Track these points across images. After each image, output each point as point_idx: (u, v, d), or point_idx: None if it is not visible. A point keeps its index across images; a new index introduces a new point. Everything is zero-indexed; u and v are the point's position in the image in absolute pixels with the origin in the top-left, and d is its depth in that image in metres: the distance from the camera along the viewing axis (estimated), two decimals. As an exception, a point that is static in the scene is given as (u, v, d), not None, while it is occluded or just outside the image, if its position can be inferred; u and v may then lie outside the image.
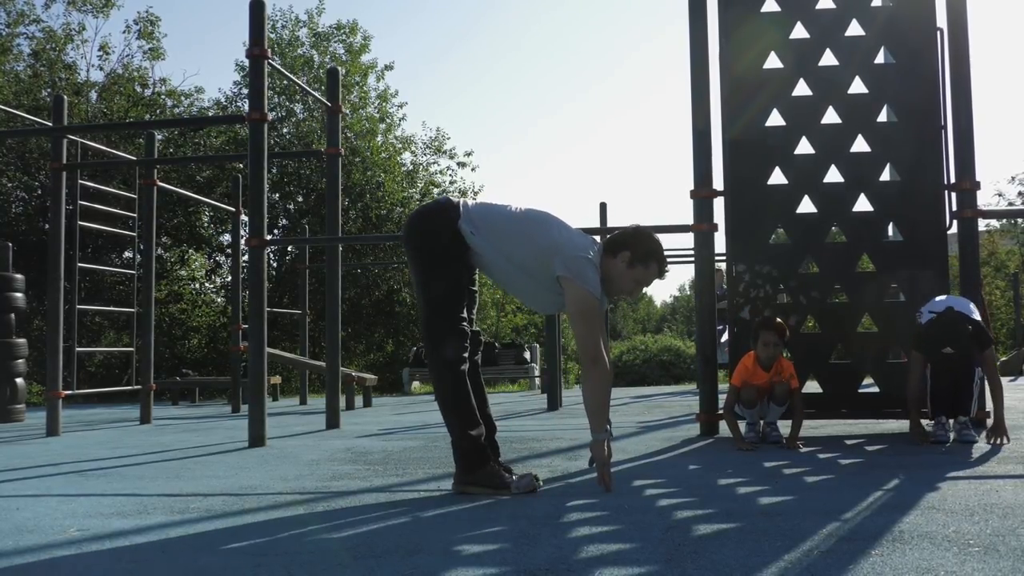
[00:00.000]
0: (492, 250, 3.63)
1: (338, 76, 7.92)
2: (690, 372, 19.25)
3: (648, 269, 3.63)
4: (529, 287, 3.68)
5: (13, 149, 19.35)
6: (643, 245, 3.65)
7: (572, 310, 3.51)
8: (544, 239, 3.61)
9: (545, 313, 3.60)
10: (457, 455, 3.63)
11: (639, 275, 3.63)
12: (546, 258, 3.57)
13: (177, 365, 19.34)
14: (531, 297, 3.76)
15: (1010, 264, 27.18)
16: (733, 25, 6.12)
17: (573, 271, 3.49)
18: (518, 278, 3.67)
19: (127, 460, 5.32)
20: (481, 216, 3.68)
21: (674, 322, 53.10)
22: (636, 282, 3.65)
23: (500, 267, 3.66)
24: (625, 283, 3.65)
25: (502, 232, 3.65)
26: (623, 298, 3.82)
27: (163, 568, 2.43)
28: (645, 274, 3.64)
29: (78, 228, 8.56)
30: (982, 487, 3.42)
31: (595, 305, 3.52)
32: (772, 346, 5.19)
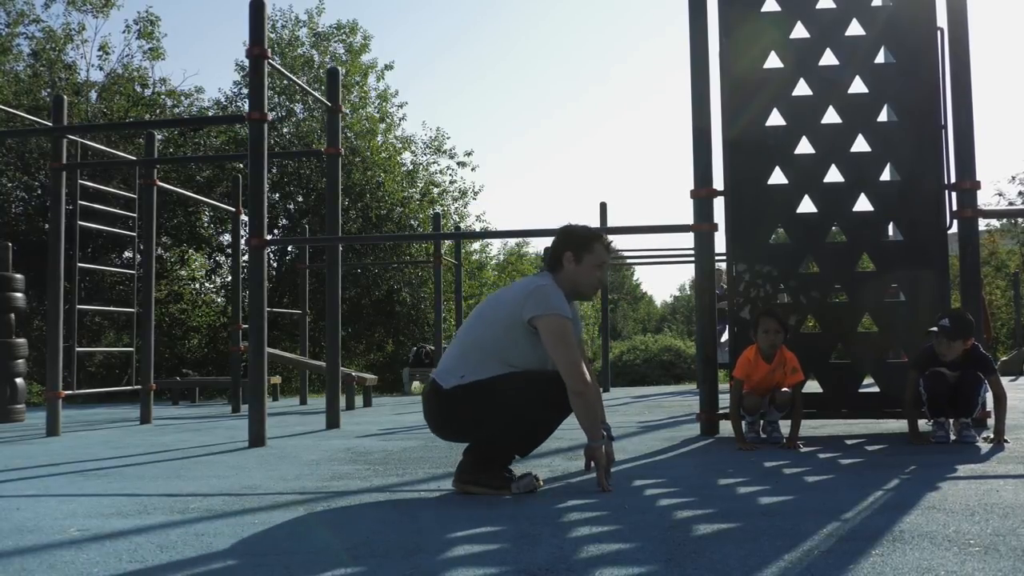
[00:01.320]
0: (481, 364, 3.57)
1: (338, 76, 7.92)
2: (690, 372, 19.26)
3: (593, 252, 3.74)
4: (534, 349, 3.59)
5: (13, 149, 19.35)
6: (575, 238, 3.76)
7: (549, 341, 3.51)
8: (500, 310, 3.63)
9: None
10: (477, 452, 3.62)
11: (591, 262, 3.73)
12: (515, 319, 3.57)
13: (177, 365, 19.34)
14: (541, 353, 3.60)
15: (1010, 264, 27.18)
16: (733, 25, 6.12)
17: (537, 306, 3.53)
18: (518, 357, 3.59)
19: (127, 460, 5.32)
20: (446, 364, 3.67)
21: (674, 322, 53.09)
22: (593, 270, 3.75)
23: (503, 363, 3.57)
24: (586, 278, 3.74)
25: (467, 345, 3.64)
26: (594, 292, 3.84)
27: (163, 568, 2.43)
28: (594, 258, 3.74)
29: (78, 228, 8.56)
30: (982, 487, 3.41)
31: (568, 327, 3.55)
32: (773, 333, 5.18)
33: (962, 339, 4.83)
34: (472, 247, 24.72)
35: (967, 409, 4.92)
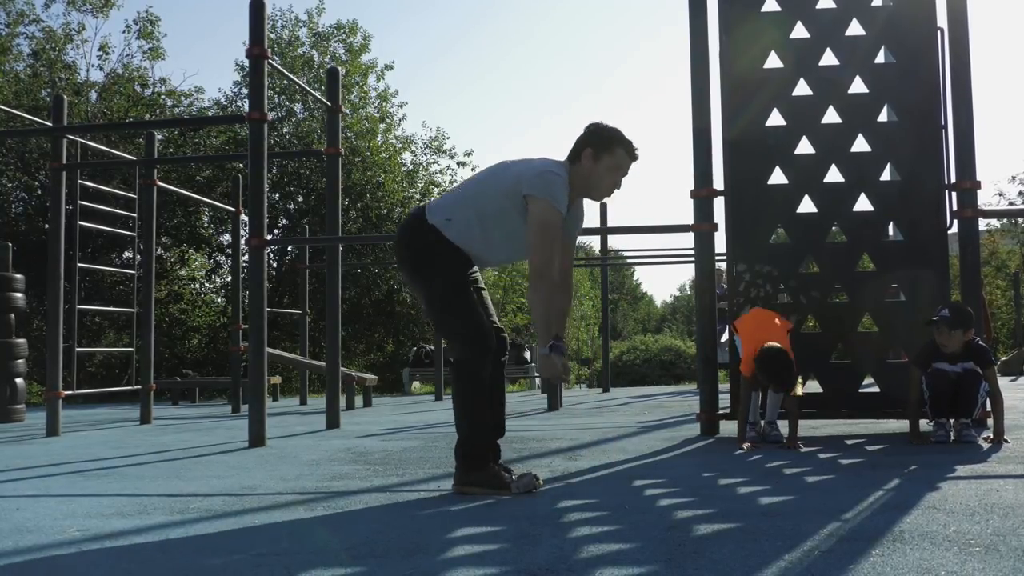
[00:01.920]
0: (467, 224, 3.60)
1: (338, 76, 7.92)
2: (690, 372, 19.26)
3: (615, 155, 3.63)
4: (516, 232, 3.60)
5: (13, 149, 19.35)
6: (602, 136, 3.65)
7: (531, 222, 3.48)
8: (506, 174, 3.62)
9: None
10: (458, 455, 3.63)
11: (608, 164, 3.63)
12: (514, 190, 3.55)
13: (177, 365, 19.34)
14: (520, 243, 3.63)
15: (1011, 264, 27.17)
16: (733, 24, 6.12)
17: (537, 187, 3.49)
18: (499, 232, 3.62)
19: (127, 460, 5.32)
20: (445, 200, 3.71)
21: (674, 322, 53.09)
22: (610, 172, 3.64)
23: (483, 236, 3.61)
24: (601, 179, 3.64)
25: (467, 196, 3.66)
26: (605, 196, 3.73)
27: (163, 568, 2.43)
28: (614, 161, 3.63)
29: (78, 228, 8.55)
30: (983, 487, 3.41)
31: (555, 220, 3.49)
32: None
33: (962, 329, 4.85)
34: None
35: (968, 409, 4.92)
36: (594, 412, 8.81)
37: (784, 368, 4.96)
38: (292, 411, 10.69)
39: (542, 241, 3.46)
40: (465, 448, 3.59)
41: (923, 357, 5.02)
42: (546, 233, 3.47)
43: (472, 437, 3.58)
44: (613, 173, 3.65)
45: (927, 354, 5.00)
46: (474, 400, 3.59)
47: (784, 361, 4.97)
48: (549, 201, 3.48)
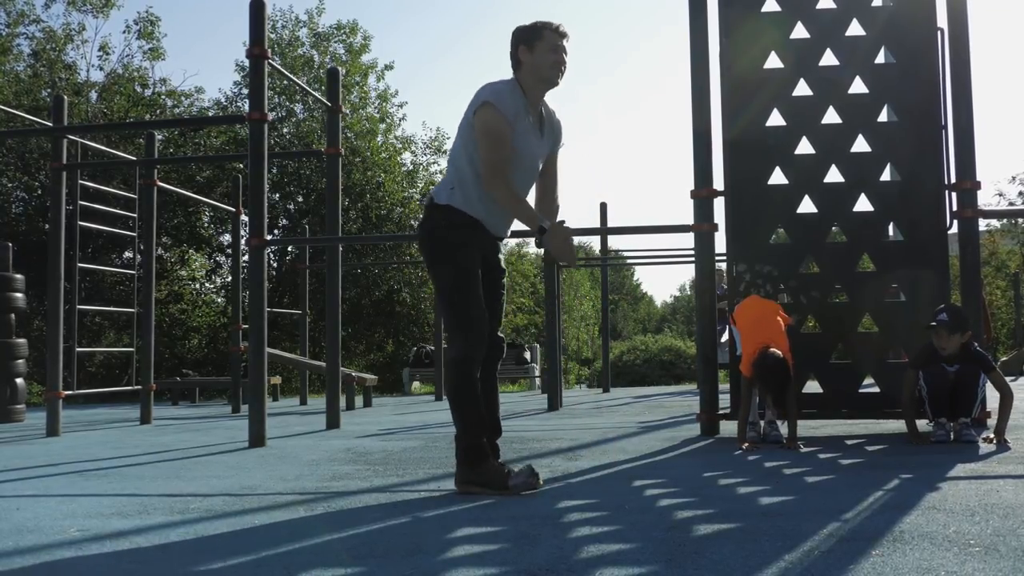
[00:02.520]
0: (464, 183, 3.69)
1: (338, 76, 7.92)
2: (690, 372, 19.26)
3: (544, 39, 3.69)
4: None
5: (13, 149, 19.35)
6: (526, 29, 3.74)
7: (477, 133, 3.61)
8: (464, 118, 3.75)
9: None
10: (458, 451, 3.65)
11: (544, 48, 3.68)
12: (468, 121, 3.71)
13: (177, 365, 19.34)
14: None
15: (1011, 264, 27.18)
16: (733, 25, 6.12)
17: (476, 100, 3.64)
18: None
19: (127, 460, 5.32)
20: (445, 175, 3.84)
21: (674, 322, 53.10)
22: (548, 53, 3.68)
23: (479, 188, 3.67)
24: (544, 63, 3.68)
25: (454, 157, 3.77)
26: (557, 73, 3.72)
27: (163, 568, 2.43)
28: (546, 44, 3.68)
29: (78, 228, 8.56)
30: (983, 487, 3.41)
31: (495, 122, 3.57)
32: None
33: (960, 332, 4.85)
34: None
35: (967, 407, 4.92)
36: (594, 412, 8.81)
37: (784, 381, 4.95)
38: (292, 411, 10.69)
39: (485, 149, 3.56)
40: (461, 443, 3.63)
41: (920, 360, 5.02)
42: (486, 138, 3.56)
43: (466, 432, 3.61)
44: (551, 53, 3.69)
45: (925, 357, 4.99)
46: (465, 396, 3.62)
47: (784, 374, 4.96)
48: (488, 104, 3.58)
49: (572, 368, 29.41)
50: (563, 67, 3.71)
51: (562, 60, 3.70)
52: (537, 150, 3.77)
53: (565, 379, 22.39)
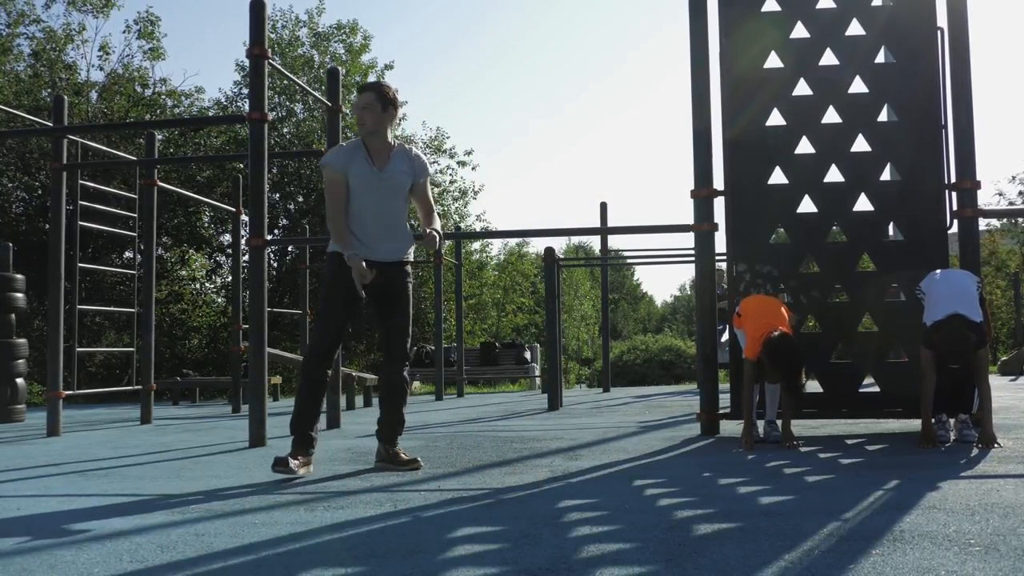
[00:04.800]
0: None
1: (338, 76, 7.91)
2: (690, 372, 19.25)
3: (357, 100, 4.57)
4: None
5: (13, 149, 19.35)
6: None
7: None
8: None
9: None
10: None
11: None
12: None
13: (178, 365, 19.33)
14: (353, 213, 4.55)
15: (1011, 264, 27.18)
16: (733, 24, 6.12)
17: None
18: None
19: (128, 460, 5.32)
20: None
21: (674, 322, 53.13)
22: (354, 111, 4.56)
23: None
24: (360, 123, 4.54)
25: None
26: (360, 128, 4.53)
27: (163, 568, 2.43)
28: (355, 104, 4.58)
29: (78, 228, 8.55)
30: (983, 487, 3.41)
31: (330, 177, 4.46)
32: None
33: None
34: (472, 247, 24.72)
35: (966, 404, 4.90)
36: (594, 412, 8.81)
37: (794, 356, 4.96)
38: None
39: (326, 201, 4.51)
40: (290, 429, 4.50)
41: (934, 340, 4.73)
42: (326, 192, 4.49)
43: (294, 421, 4.49)
44: (355, 111, 4.54)
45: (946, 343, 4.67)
46: (301, 391, 4.52)
47: (793, 349, 4.99)
48: (323, 166, 4.50)
49: (572, 368, 29.41)
50: (361, 121, 4.50)
51: (358, 116, 4.53)
52: (381, 183, 4.46)
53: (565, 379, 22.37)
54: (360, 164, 4.45)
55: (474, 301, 24.02)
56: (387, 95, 4.53)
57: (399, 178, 4.51)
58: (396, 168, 4.51)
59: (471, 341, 21.61)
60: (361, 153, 4.49)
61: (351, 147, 4.53)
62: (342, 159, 4.47)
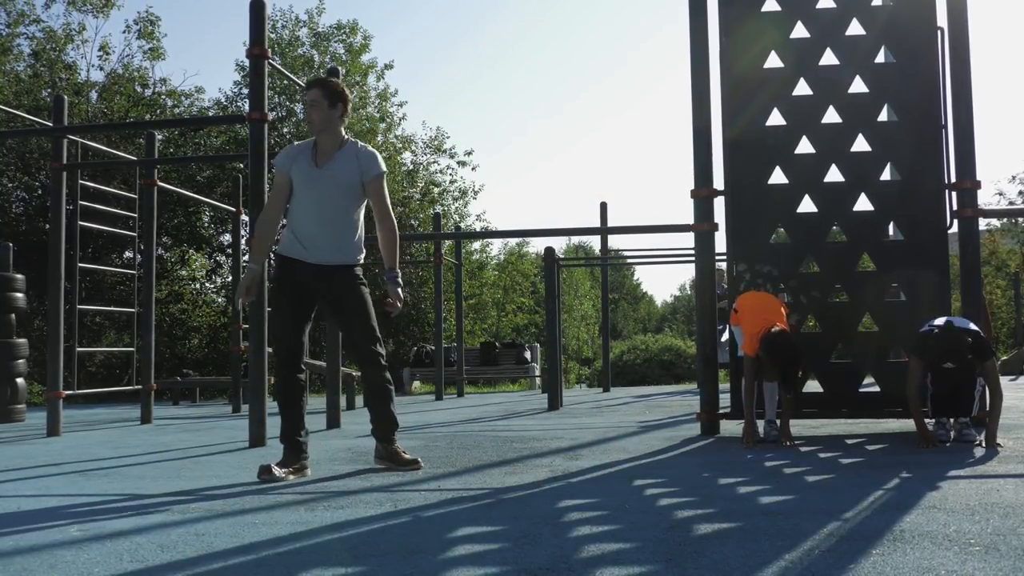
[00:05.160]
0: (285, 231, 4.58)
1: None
2: (690, 372, 19.25)
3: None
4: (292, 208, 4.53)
5: (13, 149, 19.35)
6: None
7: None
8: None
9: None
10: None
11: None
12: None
13: (178, 365, 19.33)
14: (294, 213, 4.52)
15: (1011, 263, 27.18)
16: (733, 24, 6.12)
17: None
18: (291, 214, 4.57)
19: (128, 460, 5.32)
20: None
21: (675, 322, 53.14)
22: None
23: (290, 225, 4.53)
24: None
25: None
26: (311, 127, 4.46)
27: (163, 568, 2.43)
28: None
29: (79, 228, 8.55)
30: (983, 486, 3.41)
31: (275, 179, 4.46)
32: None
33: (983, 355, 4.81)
34: (472, 247, 24.71)
35: (967, 407, 4.90)
36: (594, 412, 8.81)
37: (792, 352, 5.02)
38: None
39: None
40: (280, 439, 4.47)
41: (923, 349, 4.82)
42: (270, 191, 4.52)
43: (281, 426, 4.47)
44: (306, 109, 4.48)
45: (932, 352, 4.78)
46: (276, 400, 4.50)
47: (791, 345, 5.03)
48: (274, 168, 4.48)
49: (572, 368, 29.37)
50: (309, 118, 4.42)
51: (306, 114, 4.49)
52: (318, 182, 4.36)
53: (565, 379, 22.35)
54: (302, 162, 4.39)
55: (474, 301, 24.01)
56: (334, 90, 4.40)
57: (342, 177, 4.38)
58: (339, 167, 4.39)
59: (471, 341, 21.60)
60: (307, 152, 4.43)
61: (300, 146, 4.47)
62: (287, 159, 4.42)
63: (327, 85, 4.42)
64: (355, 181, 4.41)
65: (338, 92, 4.41)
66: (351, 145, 4.47)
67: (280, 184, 4.42)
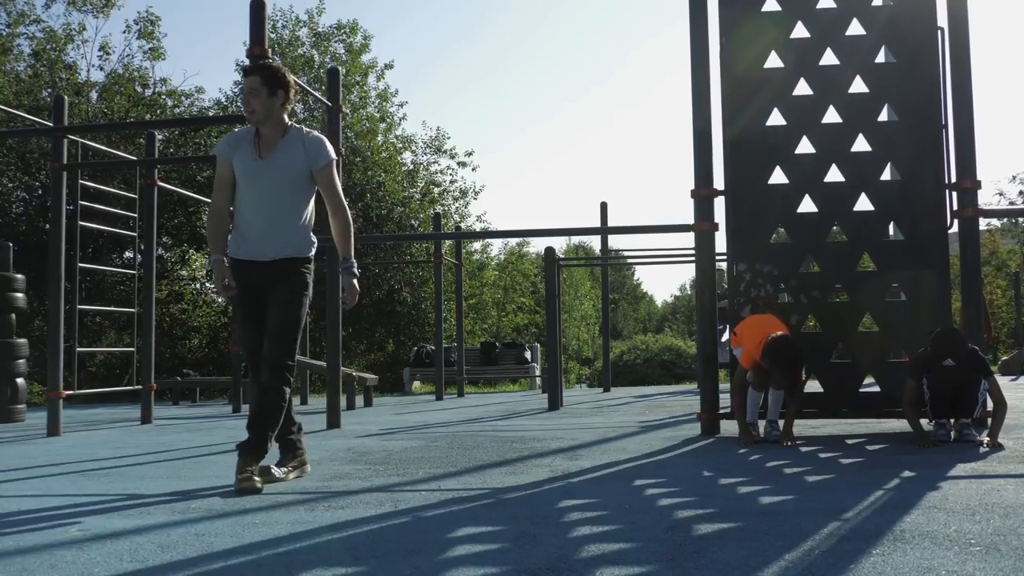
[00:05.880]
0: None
1: (339, 76, 7.92)
2: (691, 372, 19.25)
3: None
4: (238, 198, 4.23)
5: (14, 149, 19.35)
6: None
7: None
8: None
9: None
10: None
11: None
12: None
13: (178, 365, 19.33)
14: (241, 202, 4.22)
15: (1011, 263, 27.18)
16: (733, 24, 6.12)
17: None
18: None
19: (128, 460, 5.32)
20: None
21: (675, 322, 53.16)
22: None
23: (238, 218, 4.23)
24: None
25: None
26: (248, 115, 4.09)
27: (164, 568, 2.43)
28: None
29: (79, 228, 8.56)
30: (983, 486, 3.41)
31: (218, 166, 4.15)
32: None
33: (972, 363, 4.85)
34: (473, 247, 24.72)
35: (968, 409, 4.91)
36: (594, 412, 8.81)
37: (795, 355, 5.07)
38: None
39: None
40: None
41: (918, 369, 4.96)
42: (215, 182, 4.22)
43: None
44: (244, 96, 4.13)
45: (924, 365, 4.92)
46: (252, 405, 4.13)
47: (794, 348, 5.08)
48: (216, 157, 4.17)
49: (572, 368, 29.36)
50: (248, 107, 4.04)
51: (244, 103, 4.08)
52: (261, 173, 4.06)
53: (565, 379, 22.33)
54: (244, 152, 4.08)
55: (474, 301, 24.02)
56: (274, 76, 4.05)
57: (287, 167, 4.06)
58: (284, 157, 4.07)
59: (471, 341, 21.61)
60: (249, 140, 4.11)
61: (241, 133, 4.17)
62: (228, 148, 4.13)
63: (267, 71, 4.07)
64: (302, 171, 4.10)
65: (279, 78, 4.05)
66: (295, 132, 4.14)
67: (223, 174, 4.12)
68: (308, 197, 4.23)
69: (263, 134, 4.08)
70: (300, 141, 4.10)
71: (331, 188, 4.21)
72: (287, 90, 4.08)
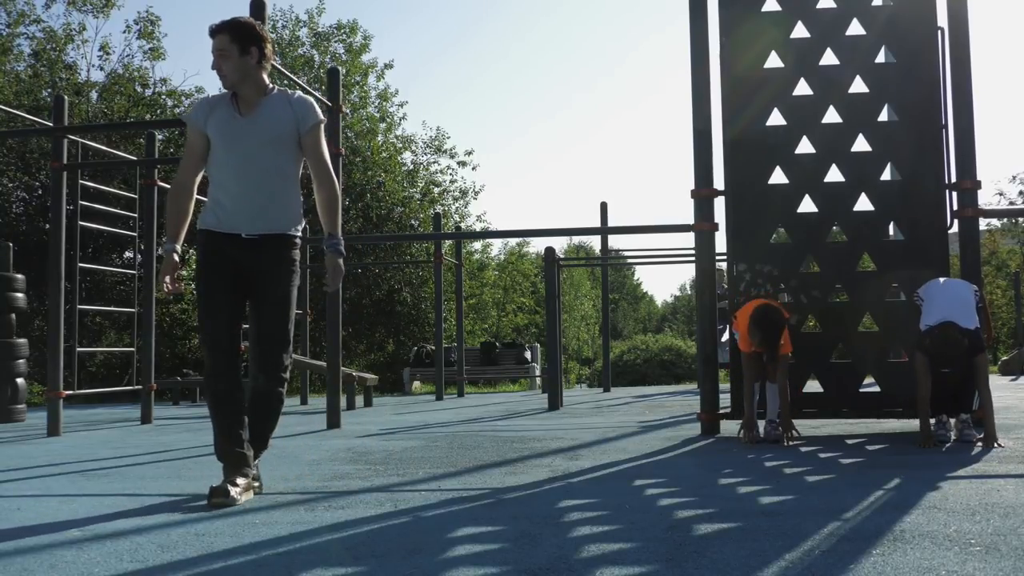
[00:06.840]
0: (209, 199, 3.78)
1: (339, 75, 7.91)
2: (691, 372, 19.25)
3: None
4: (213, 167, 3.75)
5: (14, 149, 19.35)
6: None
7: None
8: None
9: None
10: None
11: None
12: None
13: (178, 365, 19.34)
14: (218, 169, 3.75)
15: (1011, 263, 27.19)
16: (733, 24, 6.12)
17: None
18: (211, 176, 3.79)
19: (128, 460, 5.32)
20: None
21: (675, 322, 53.17)
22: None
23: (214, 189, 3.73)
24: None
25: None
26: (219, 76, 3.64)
27: (164, 568, 2.43)
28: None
29: (79, 228, 8.56)
30: (983, 486, 3.41)
31: (189, 133, 3.68)
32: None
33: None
34: (473, 247, 24.73)
35: (967, 402, 4.90)
36: (594, 412, 8.81)
37: (775, 318, 5.15)
38: (292, 411, 10.68)
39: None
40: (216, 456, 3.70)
41: (930, 344, 4.73)
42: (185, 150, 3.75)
43: (214, 441, 3.68)
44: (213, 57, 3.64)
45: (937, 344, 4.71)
46: (210, 411, 3.66)
47: (774, 311, 5.17)
48: (186, 123, 3.71)
49: (572, 368, 29.37)
50: (219, 71, 3.60)
51: (215, 66, 3.62)
52: (246, 134, 3.60)
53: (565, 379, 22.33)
54: (221, 114, 3.62)
55: (474, 301, 24.02)
56: (243, 31, 3.59)
57: (271, 126, 3.61)
58: (268, 116, 3.63)
59: (471, 341, 21.61)
60: (226, 102, 3.66)
61: (216, 97, 3.71)
62: (201, 113, 3.65)
63: (235, 27, 3.60)
64: (288, 132, 3.64)
65: (250, 34, 3.60)
66: (280, 93, 3.73)
67: (193, 143, 3.64)
68: (296, 164, 3.74)
69: (242, 95, 3.64)
70: (286, 100, 3.70)
71: (318, 153, 3.72)
72: (261, 46, 3.64)
